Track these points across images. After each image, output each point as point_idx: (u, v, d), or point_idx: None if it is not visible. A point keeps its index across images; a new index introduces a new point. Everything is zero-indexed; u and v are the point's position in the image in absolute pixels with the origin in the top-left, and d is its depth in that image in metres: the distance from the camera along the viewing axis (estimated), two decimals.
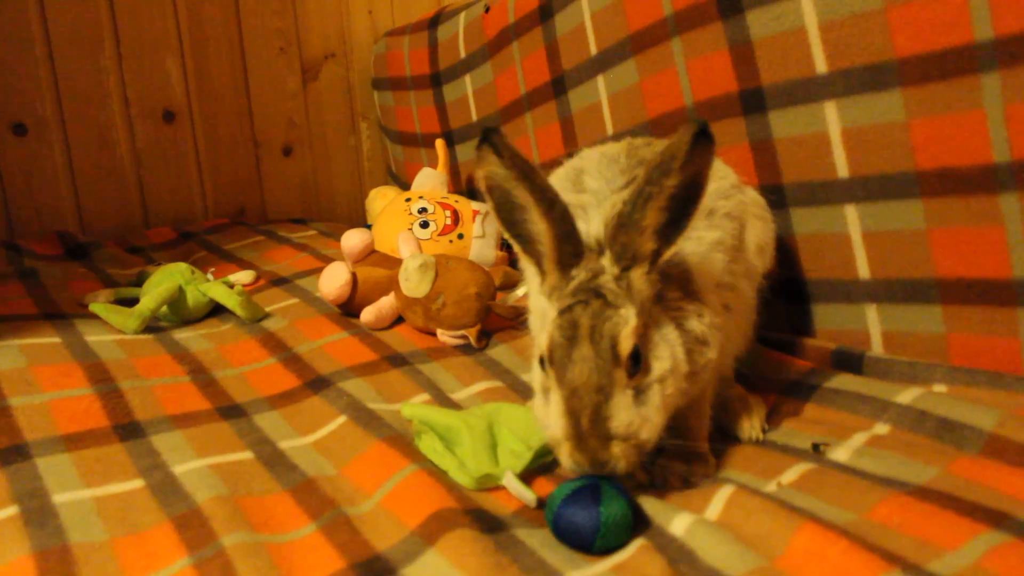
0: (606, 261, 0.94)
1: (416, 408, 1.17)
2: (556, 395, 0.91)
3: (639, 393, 0.91)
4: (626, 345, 0.90)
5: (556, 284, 0.96)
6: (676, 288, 1.00)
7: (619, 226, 0.93)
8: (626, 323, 0.91)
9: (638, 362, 0.91)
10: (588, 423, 0.88)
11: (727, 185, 1.16)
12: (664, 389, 0.93)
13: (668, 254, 0.95)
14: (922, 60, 1.18)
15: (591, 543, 0.88)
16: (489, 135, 0.95)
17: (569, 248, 0.95)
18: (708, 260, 1.05)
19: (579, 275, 0.94)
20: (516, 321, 1.54)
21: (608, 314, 0.91)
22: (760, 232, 1.20)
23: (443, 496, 0.97)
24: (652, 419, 0.92)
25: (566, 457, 0.90)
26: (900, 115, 1.21)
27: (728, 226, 1.10)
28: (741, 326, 1.19)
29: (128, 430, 1.20)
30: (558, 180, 1.15)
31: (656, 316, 0.96)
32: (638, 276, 0.93)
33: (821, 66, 1.29)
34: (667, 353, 0.94)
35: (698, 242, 1.05)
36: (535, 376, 0.98)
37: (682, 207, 0.92)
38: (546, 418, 0.93)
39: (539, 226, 0.95)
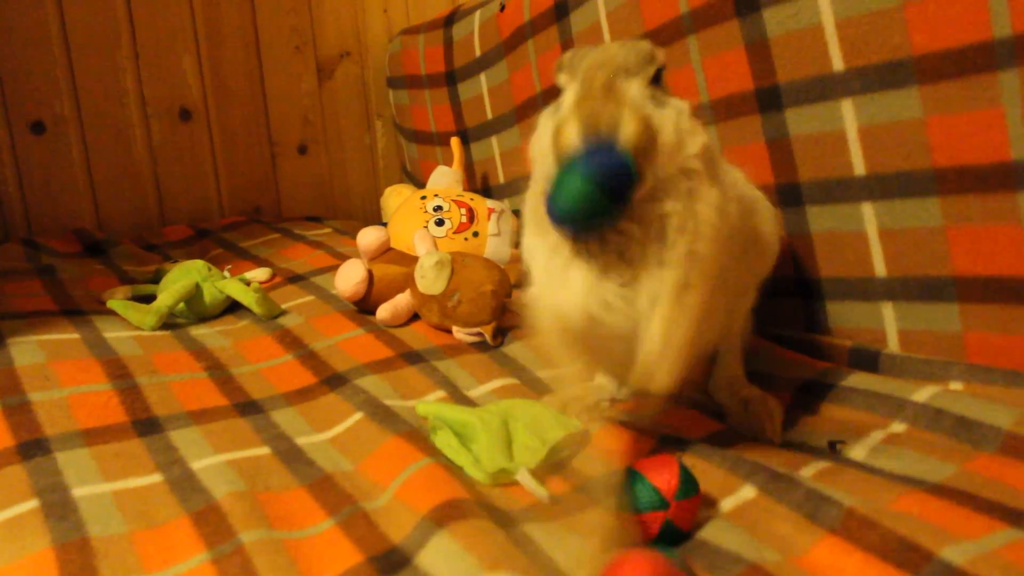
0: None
1: (431, 406, 1.17)
2: (570, 89, 0.84)
3: (656, 103, 0.84)
4: (656, 55, 0.85)
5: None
6: None
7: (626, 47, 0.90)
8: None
9: (660, 79, 0.86)
10: (603, 82, 0.81)
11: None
12: (680, 119, 0.86)
13: None
14: (940, 57, 1.17)
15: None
16: None
17: None
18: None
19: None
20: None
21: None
22: (767, 232, 1.19)
23: (456, 487, 0.98)
24: (670, 122, 0.84)
25: (570, 127, 0.80)
26: (917, 112, 1.21)
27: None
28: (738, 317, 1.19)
29: (146, 425, 1.21)
30: None
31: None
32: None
33: (838, 63, 1.29)
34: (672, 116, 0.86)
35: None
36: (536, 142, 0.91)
37: None
38: (544, 135, 0.86)
39: None
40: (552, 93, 1.94)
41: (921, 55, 1.19)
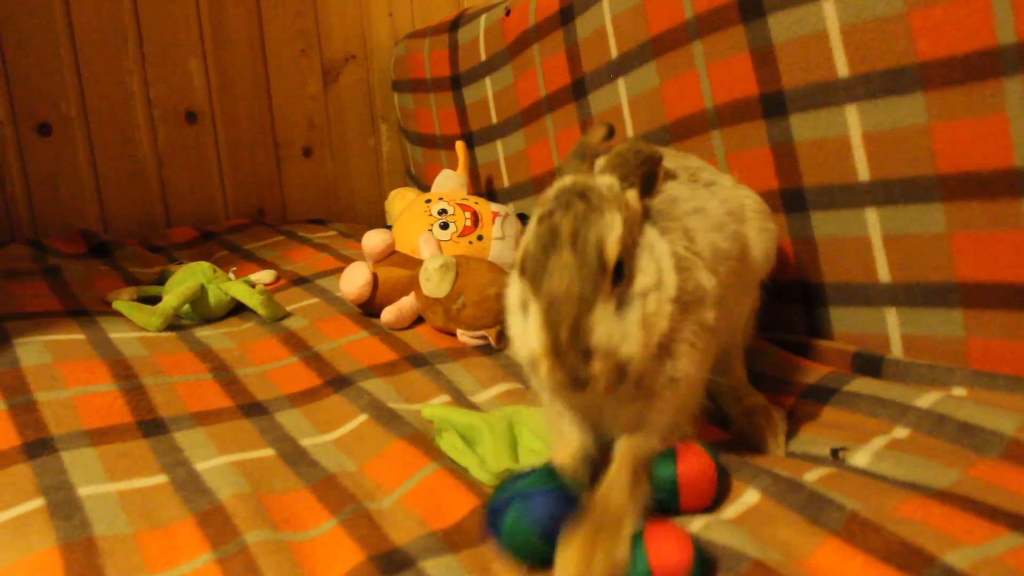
0: (604, 174, 0.94)
1: (436, 409, 1.18)
2: (534, 307, 0.85)
3: (620, 305, 0.86)
4: (612, 252, 0.85)
5: (545, 194, 0.93)
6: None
7: (620, 155, 0.94)
8: (611, 228, 0.85)
9: (621, 272, 0.86)
10: (568, 335, 0.82)
11: (725, 183, 1.18)
12: (646, 305, 0.87)
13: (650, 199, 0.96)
14: (944, 64, 1.18)
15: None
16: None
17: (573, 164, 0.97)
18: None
19: (565, 180, 0.92)
20: None
21: (592, 218, 0.85)
22: (764, 241, 1.19)
23: (465, 499, 0.98)
24: (633, 333, 0.85)
25: (545, 374, 0.83)
26: (922, 119, 1.21)
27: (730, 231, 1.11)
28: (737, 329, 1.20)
29: (151, 426, 1.21)
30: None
31: (643, 230, 0.93)
32: (632, 194, 0.92)
33: (843, 70, 1.29)
34: (652, 267, 0.89)
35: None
36: (511, 294, 0.94)
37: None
38: (523, 336, 0.89)
39: None
40: (556, 98, 1.96)
41: (925, 61, 1.19)
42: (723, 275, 1.02)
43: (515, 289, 0.92)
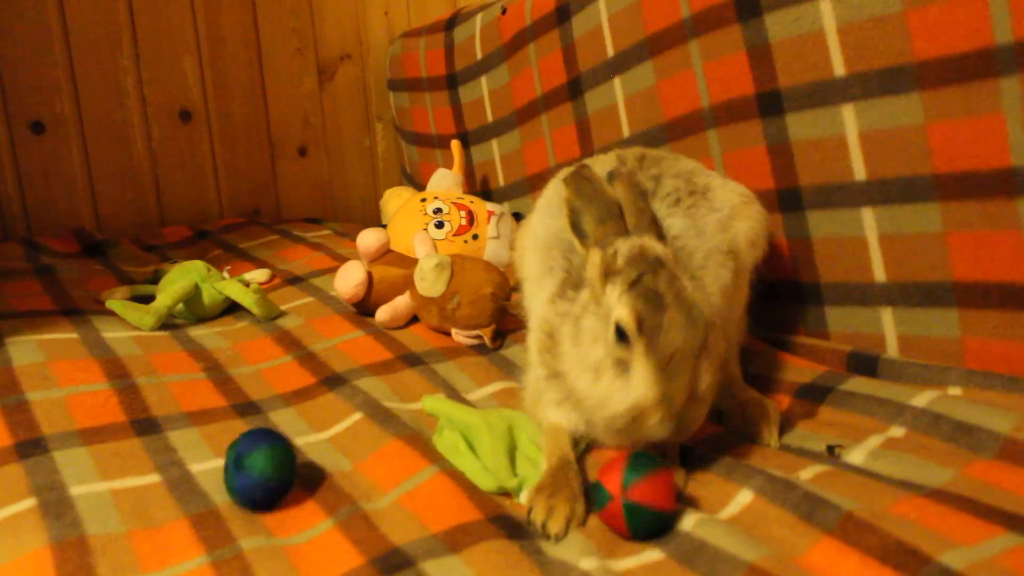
0: (647, 238, 1.00)
1: (438, 403, 1.17)
2: (645, 363, 0.92)
3: (706, 358, 0.95)
4: (706, 310, 0.95)
5: (606, 262, 0.99)
6: None
7: (638, 209, 1.02)
8: (696, 289, 0.97)
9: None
10: (685, 387, 0.92)
11: (715, 184, 1.24)
12: (715, 345, 0.98)
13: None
14: (941, 63, 1.17)
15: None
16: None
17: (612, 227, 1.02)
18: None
19: (629, 244, 0.99)
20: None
21: (679, 282, 0.95)
22: (748, 228, 1.23)
23: (465, 504, 0.97)
24: (712, 377, 0.96)
25: (656, 422, 0.92)
26: (918, 118, 1.21)
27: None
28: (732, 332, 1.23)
29: (145, 425, 1.21)
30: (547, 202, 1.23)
31: None
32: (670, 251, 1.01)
33: (839, 69, 1.29)
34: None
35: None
36: (592, 354, 0.98)
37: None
38: (621, 392, 0.94)
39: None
40: (552, 97, 1.96)
41: (922, 61, 1.19)
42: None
43: (600, 346, 0.97)
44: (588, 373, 0.98)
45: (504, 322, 1.55)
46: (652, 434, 0.93)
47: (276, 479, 1.00)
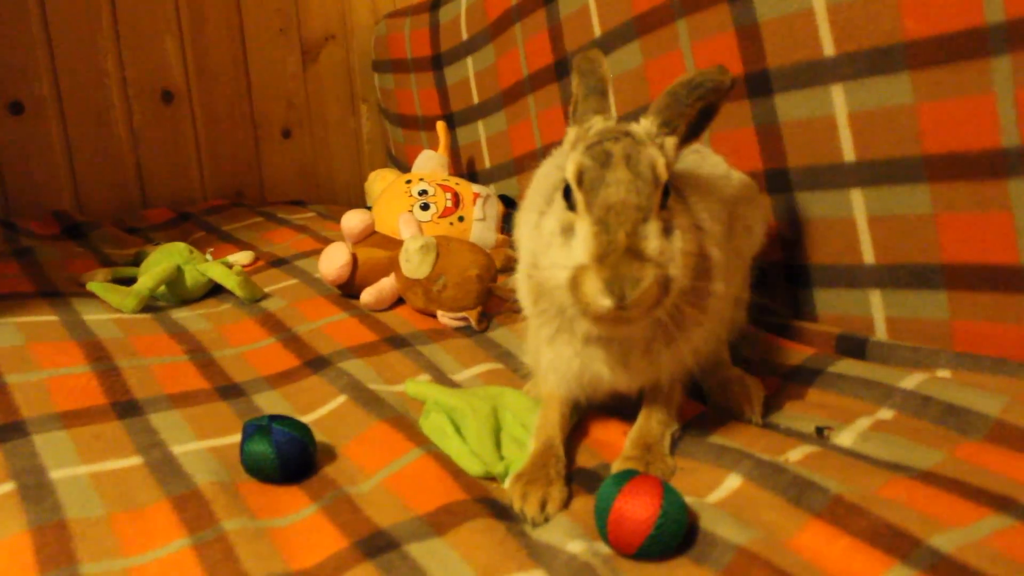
0: (644, 120, 0.96)
1: (420, 386, 1.16)
2: (585, 221, 0.88)
3: (667, 230, 0.89)
4: (663, 172, 0.90)
5: (579, 135, 0.96)
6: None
7: (672, 94, 0.96)
8: (659, 156, 0.90)
9: (666, 200, 0.90)
10: (624, 239, 0.85)
11: (718, 174, 1.19)
12: (686, 240, 0.90)
13: (687, 148, 0.99)
14: (931, 43, 1.17)
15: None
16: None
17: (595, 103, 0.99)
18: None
19: (599, 123, 0.96)
20: (516, 303, 1.53)
21: (640, 148, 0.91)
22: (748, 214, 1.21)
23: (451, 486, 0.96)
24: (678, 259, 0.89)
25: (592, 282, 0.85)
26: (908, 98, 1.20)
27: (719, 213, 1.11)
28: (726, 310, 1.19)
29: (126, 408, 1.19)
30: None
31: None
32: (671, 142, 0.95)
33: (829, 49, 1.28)
34: (687, 212, 0.96)
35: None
36: (546, 225, 0.94)
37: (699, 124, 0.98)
38: (564, 258, 0.89)
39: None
40: (539, 78, 1.94)
41: (913, 40, 1.18)
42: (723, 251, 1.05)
43: (553, 219, 0.93)
44: (545, 252, 0.94)
45: (490, 304, 1.54)
46: (593, 301, 0.85)
47: (310, 444, 1.03)
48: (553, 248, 0.91)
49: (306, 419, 1.18)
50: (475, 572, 0.81)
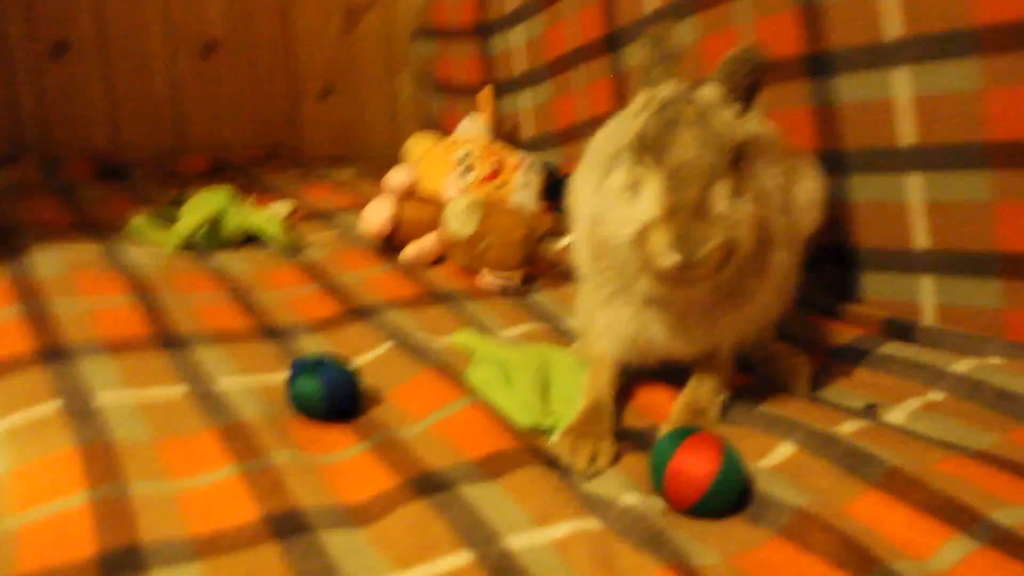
0: (708, 88, 0.95)
1: (468, 338, 1.15)
2: (655, 177, 0.88)
3: (736, 192, 0.89)
4: (734, 134, 0.90)
5: (649, 98, 0.95)
6: None
7: (728, 65, 0.95)
8: (731, 118, 0.91)
9: (737, 162, 0.90)
10: (694, 197, 0.85)
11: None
12: (753, 214, 0.91)
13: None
14: (1001, 29, 1.15)
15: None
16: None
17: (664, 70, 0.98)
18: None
19: (666, 90, 0.95)
20: (560, 269, 1.52)
21: (712, 110, 0.91)
22: (809, 189, 1.18)
23: (501, 434, 0.96)
24: (745, 223, 0.90)
25: (659, 238, 0.85)
26: (975, 84, 1.19)
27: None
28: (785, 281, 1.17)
29: (170, 339, 1.19)
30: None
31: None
32: (737, 108, 0.94)
33: (894, 31, 1.26)
34: (755, 180, 0.95)
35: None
36: (613, 181, 0.95)
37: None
38: (629, 216, 0.90)
39: None
40: (589, 49, 1.92)
41: (983, 26, 1.17)
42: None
43: (620, 177, 0.93)
44: (610, 210, 0.94)
45: (534, 267, 1.53)
46: (659, 257, 0.86)
47: (358, 384, 1.04)
48: (619, 205, 0.92)
49: (352, 363, 1.17)
50: (530, 516, 0.81)
